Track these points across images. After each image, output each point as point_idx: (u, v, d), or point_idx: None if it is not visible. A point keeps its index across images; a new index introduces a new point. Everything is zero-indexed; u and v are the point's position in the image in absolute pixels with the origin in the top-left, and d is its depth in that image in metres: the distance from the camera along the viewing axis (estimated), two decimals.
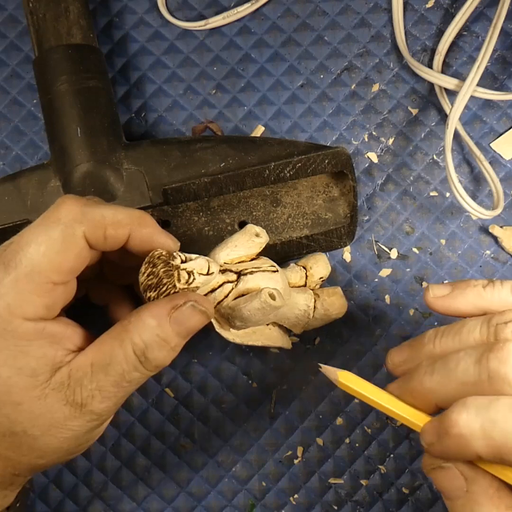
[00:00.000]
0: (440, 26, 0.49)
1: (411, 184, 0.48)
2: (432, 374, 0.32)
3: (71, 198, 0.34)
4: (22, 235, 0.32)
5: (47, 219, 0.33)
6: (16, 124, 0.49)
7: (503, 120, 0.48)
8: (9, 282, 0.31)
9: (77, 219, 0.33)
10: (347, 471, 0.46)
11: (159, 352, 0.33)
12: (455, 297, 0.35)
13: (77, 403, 0.32)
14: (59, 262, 0.32)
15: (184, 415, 0.47)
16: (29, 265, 0.31)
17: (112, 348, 0.33)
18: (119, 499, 0.46)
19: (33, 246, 0.32)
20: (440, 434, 0.31)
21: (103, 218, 0.33)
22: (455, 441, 0.30)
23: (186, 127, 0.49)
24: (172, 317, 0.33)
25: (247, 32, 0.49)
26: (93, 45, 0.44)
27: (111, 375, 0.33)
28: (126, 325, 0.33)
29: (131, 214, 0.34)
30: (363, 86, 0.49)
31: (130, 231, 0.34)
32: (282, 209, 0.46)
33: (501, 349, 0.30)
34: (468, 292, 0.35)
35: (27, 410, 0.32)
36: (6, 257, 0.32)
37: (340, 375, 0.35)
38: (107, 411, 0.33)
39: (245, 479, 0.46)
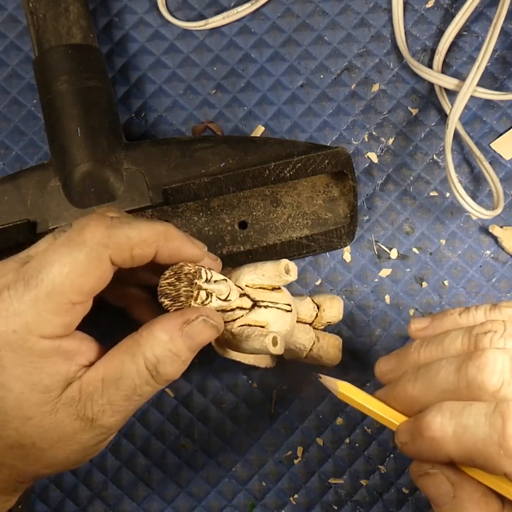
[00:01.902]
0: (440, 26, 0.49)
1: (411, 184, 0.48)
2: (415, 381, 0.33)
3: (95, 219, 0.33)
4: (45, 253, 0.32)
5: (72, 241, 0.32)
6: (16, 124, 0.49)
7: (503, 120, 0.48)
8: (29, 300, 0.31)
9: (102, 243, 0.32)
10: (347, 471, 0.46)
11: (170, 367, 0.34)
12: (434, 328, 0.36)
13: (87, 417, 0.32)
14: (81, 284, 0.32)
15: (184, 415, 0.47)
16: (51, 285, 0.31)
17: (123, 363, 0.33)
18: (119, 499, 0.46)
19: (56, 266, 0.31)
20: (414, 435, 0.32)
21: (129, 240, 0.33)
22: (428, 443, 0.31)
23: (186, 127, 0.49)
24: (184, 331, 0.34)
25: (247, 32, 0.49)
26: (93, 45, 0.44)
27: (122, 390, 0.33)
28: (137, 339, 0.33)
29: (156, 230, 0.34)
30: (363, 86, 0.49)
31: (157, 248, 0.34)
32: (282, 209, 0.46)
33: (479, 357, 0.31)
34: (445, 321, 0.36)
35: (37, 424, 0.32)
36: (26, 273, 0.32)
37: (340, 386, 0.36)
38: (116, 424, 0.34)
39: (245, 479, 0.46)
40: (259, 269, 0.40)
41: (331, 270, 0.47)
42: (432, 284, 0.47)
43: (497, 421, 0.29)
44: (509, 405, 0.30)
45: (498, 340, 0.32)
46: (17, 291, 0.31)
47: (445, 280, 0.47)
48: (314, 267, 0.47)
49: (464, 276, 0.47)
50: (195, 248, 0.36)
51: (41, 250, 0.34)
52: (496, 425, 0.29)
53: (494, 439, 0.29)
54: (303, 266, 0.47)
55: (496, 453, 0.29)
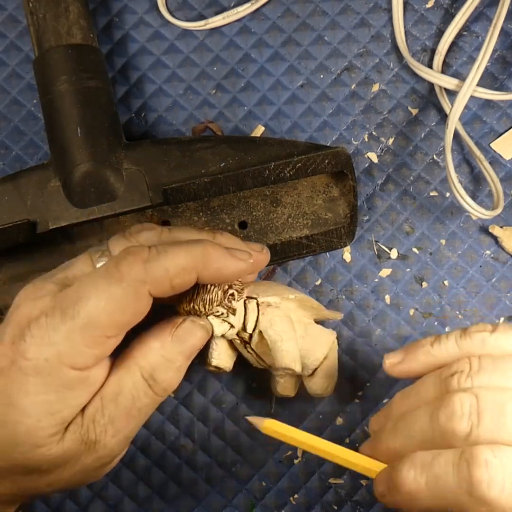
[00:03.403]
0: (440, 26, 0.49)
1: (411, 184, 0.48)
2: (395, 435, 0.34)
3: (133, 254, 0.32)
4: (84, 284, 0.32)
5: (110, 275, 0.32)
6: (16, 124, 0.49)
7: (503, 120, 0.48)
8: (64, 331, 0.31)
9: (140, 279, 0.32)
10: (347, 471, 0.46)
11: (166, 373, 0.34)
12: (408, 362, 0.36)
13: (91, 440, 0.32)
14: (117, 319, 0.31)
15: (184, 415, 0.47)
16: (87, 317, 0.31)
17: (120, 377, 0.33)
18: (119, 499, 0.46)
19: (94, 300, 0.31)
20: (391, 489, 0.32)
21: (167, 272, 0.32)
22: (405, 497, 0.31)
23: (186, 127, 0.49)
24: (174, 335, 0.34)
25: (247, 32, 0.49)
26: (93, 45, 0.44)
27: (122, 404, 0.33)
28: (130, 352, 0.34)
29: (194, 255, 0.33)
30: (363, 86, 0.49)
31: (197, 273, 0.33)
32: (282, 209, 0.46)
33: (447, 404, 0.31)
34: (418, 354, 0.36)
35: (45, 452, 0.32)
36: (63, 302, 0.31)
37: (266, 423, 0.36)
38: (118, 445, 0.34)
39: (245, 479, 0.46)
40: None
41: (331, 270, 0.47)
42: (432, 284, 0.47)
43: (463, 469, 0.30)
44: (475, 450, 0.30)
45: (465, 381, 0.32)
46: (53, 320, 0.31)
47: (445, 280, 0.47)
48: (314, 267, 0.47)
49: (464, 276, 0.47)
50: (238, 263, 0.35)
51: (78, 275, 0.34)
52: (463, 473, 0.30)
53: (463, 487, 0.29)
54: (303, 266, 0.47)
55: (467, 501, 0.30)
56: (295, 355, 0.40)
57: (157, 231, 0.36)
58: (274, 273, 0.47)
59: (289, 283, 0.47)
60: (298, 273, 0.47)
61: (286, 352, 0.39)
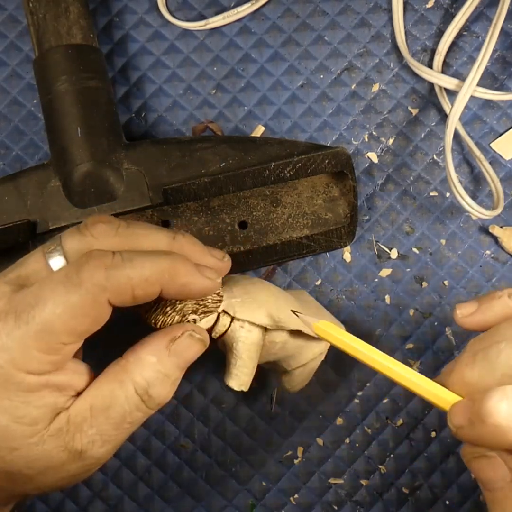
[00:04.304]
0: (440, 26, 0.49)
1: (411, 184, 0.48)
2: (473, 367, 0.32)
3: (95, 258, 0.31)
4: (40, 288, 0.30)
5: (69, 280, 0.30)
6: (16, 124, 0.49)
7: (503, 120, 0.48)
8: (18, 337, 0.30)
9: (100, 285, 0.30)
10: (347, 471, 0.46)
11: (162, 388, 0.33)
12: (483, 312, 0.35)
13: (76, 449, 0.31)
14: (74, 326, 0.30)
15: (184, 415, 0.47)
16: (41, 323, 0.30)
17: (112, 390, 0.32)
18: (119, 499, 0.46)
19: (50, 306, 0.30)
20: (473, 420, 0.30)
21: (129, 280, 0.31)
22: (490, 431, 0.30)
23: (186, 127, 0.49)
24: (171, 350, 0.33)
25: (247, 32, 0.49)
26: (93, 45, 0.44)
27: (112, 418, 0.32)
28: (124, 365, 0.32)
29: (160, 267, 0.31)
30: (363, 86, 0.49)
31: (161, 286, 0.32)
32: (282, 209, 0.46)
33: None
34: (494, 304, 0.34)
35: (24, 455, 0.31)
36: (18, 306, 0.30)
37: (320, 323, 0.35)
38: (107, 455, 0.33)
39: (245, 479, 0.46)
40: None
41: (331, 270, 0.47)
42: (432, 284, 0.47)
43: None
44: None
45: None
46: (7, 325, 0.30)
47: (445, 280, 0.47)
48: (314, 267, 0.47)
49: (464, 276, 0.47)
50: (205, 281, 0.33)
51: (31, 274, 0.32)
52: None
53: None
54: (303, 266, 0.47)
55: None
56: (244, 381, 0.39)
57: (114, 225, 0.34)
58: (274, 273, 0.47)
59: (289, 283, 0.47)
60: (298, 273, 0.47)
61: (235, 376, 0.39)
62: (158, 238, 0.34)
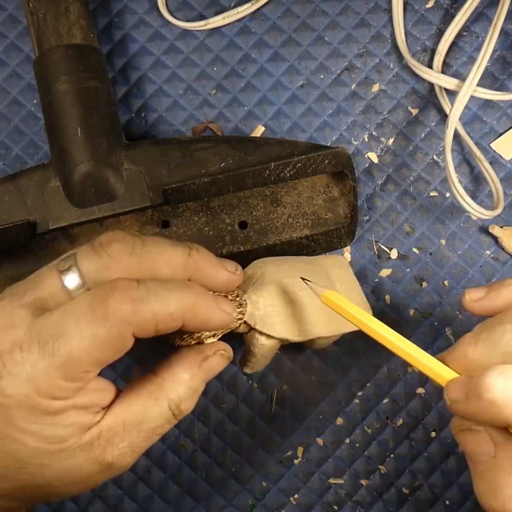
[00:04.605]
0: (440, 26, 0.49)
1: (411, 184, 0.48)
2: (476, 345, 0.32)
3: (121, 291, 0.30)
4: (63, 318, 0.30)
5: (94, 312, 0.30)
6: (16, 124, 0.49)
7: (503, 120, 0.48)
8: (43, 367, 0.30)
9: (126, 320, 0.30)
10: (347, 471, 0.46)
11: (191, 402, 0.34)
12: (491, 298, 0.35)
13: (107, 462, 0.32)
14: (98, 357, 0.30)
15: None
16: (67, 356, 0.30)
17: (146, 407, 0.33)
18: (119, 499, 0.46)
19: (76, 338, 0.30)
20: (469, 395, 0.30)
21: (154, 316, 0.31)
22: (485, 406, 0.30)
23: (186, 127, 0.49)
24: (203, 367, 0.34)
25: (247, 32, 0.49)
26: (93, 45, 0.44)
27: (144, 431, 0.33)
28: (160, 383, 0.33)
29: (184, 304, 0.32)
30: (363, 86, 0.49)
31: (183, 321, 0.32)
32: (282, 209, 0.46)
33: None
34: (504, 292, 0.35)
35: (54, 469, 0.32)
36: (41, 335, 0.30)
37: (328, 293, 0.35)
38: (133, 462, 0.34)
39: (245, 479, 0.46)
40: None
41: None
42: (432, 284, 0.47)
43: None
44: None
45: None
46: (30, 355, 0.30)
47: (445, 280, 0.47)
48: None
49: (464, 276, 0.47)
50: (223, 317, 0.34)
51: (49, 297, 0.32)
52: None
53: None
54: None
55: None
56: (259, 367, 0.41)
57: (129, 244, 0.33)
58: None
59: None
60: None
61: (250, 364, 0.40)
62: (174, 255, 0.34)
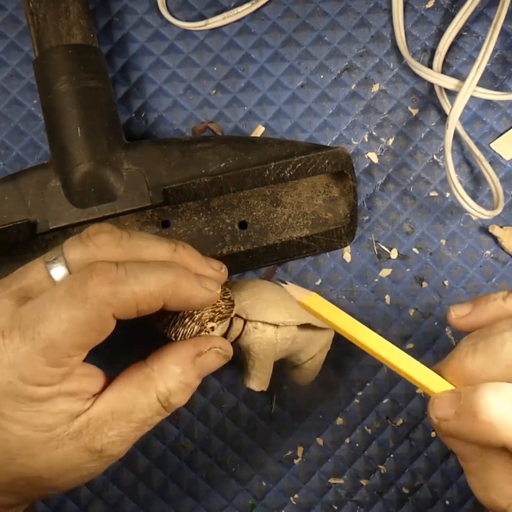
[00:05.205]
0: (440, 26, 0.49)
1: (411, 184, 0.48)
2: (474, 356, 0.31)
3: (100, 273, 0.30)
4: (43, 303, 0.30)
5: (73, 296, 0.30)
6: (16, 124, 0.49)
7: (503, 120, 0.48)
8: (24, 353, 0.30)
9: (105, 301, 0.30)
10: (347, 471, 0.46)
11: (182, 396, 0.34)
12: (477, 314, 0.34)
13: (96, 449, 0.32)
14: (80, 341, 0.30)
15: (184, 415, 0.47)
16: (48, 340, 0.30)
17: (135, 397, 0.33)
18: (119, 499, 0.46)
19: (55, 322, 0.30)
20: (461, 414, 0.29)
21: (134, 295, 0.31)
22: (481, 427, 0.28)
23: (186, 127, 0.49)
24: (197, 363, 0.34)
25: (247, 32, 0.49)
26: (93, 45, 0.44)
27: (133, 422, 0.33)
28: (149, 374, 0.33)
29: (164, 282, 0.32)
30: (363, 86, 0.49)
31: (164, 301, 0.32)
32: (282, 209, 0.46)
33: None
34: (489, 307, 0.34)
35: (44, 459, 0.31)
36: (22, 321, 0.30)
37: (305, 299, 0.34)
38: (125, 450, 0.34)
39: (245, 479, 0.46)
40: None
41: (331, 270, 0.47)
42: (432, 284, 0.47)
43: None
44: None
45: None
46: (12, 342, 0.30)
47: (445, 280, 0.47)
48: (314, 267, 0.47)
49: (464, 276, 0.47)
50: (206, 293, 0.34)
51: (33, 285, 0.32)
52: None
53: None
54: (303, 266, 0.47)
55: None
56: (264, 380, 0.40)
57: (116, 235, 0.34)
58: (274, 273, 0.47)
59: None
60: (298, 273, 0.47)
61: (255, 377, 0.39)
62: (160, 250, 0.34)
